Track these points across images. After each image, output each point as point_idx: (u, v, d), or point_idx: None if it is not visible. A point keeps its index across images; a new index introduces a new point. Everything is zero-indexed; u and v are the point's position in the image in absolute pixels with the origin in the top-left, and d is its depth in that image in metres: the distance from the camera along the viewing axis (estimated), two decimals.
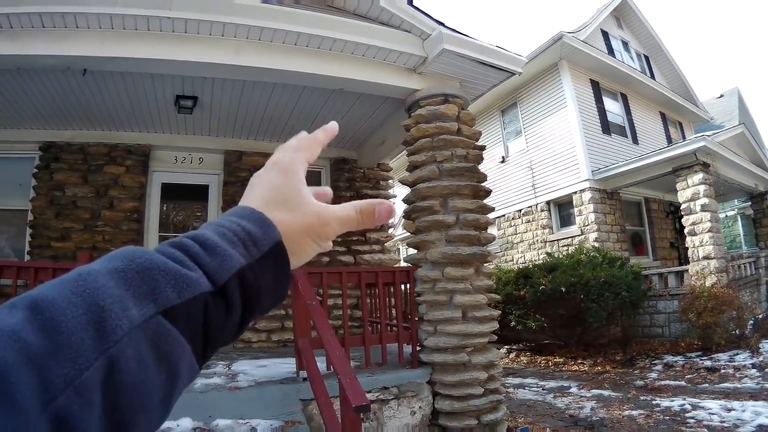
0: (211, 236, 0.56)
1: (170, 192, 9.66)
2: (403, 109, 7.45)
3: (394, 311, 7.33)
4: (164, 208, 9.65)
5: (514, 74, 7.34)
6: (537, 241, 18.20)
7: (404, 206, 7.24)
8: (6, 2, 5.90)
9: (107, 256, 0.50)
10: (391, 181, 10.69)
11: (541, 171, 18.12)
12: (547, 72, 17.84)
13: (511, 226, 19.33)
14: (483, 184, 6.94)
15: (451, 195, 6.65)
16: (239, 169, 9.53)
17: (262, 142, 9.73)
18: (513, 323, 14.70)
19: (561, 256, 15.09)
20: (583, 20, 19.83)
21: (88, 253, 6.46)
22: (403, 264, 8.76)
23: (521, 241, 18.86)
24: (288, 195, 0.67)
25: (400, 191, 10.28)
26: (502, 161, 19.63)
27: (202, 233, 0.57)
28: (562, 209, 17.75)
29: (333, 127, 0.80)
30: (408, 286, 7.08)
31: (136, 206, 9.07)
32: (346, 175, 9.97)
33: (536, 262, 15.83)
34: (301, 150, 0.74)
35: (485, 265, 6.77)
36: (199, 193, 9.70)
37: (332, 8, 7.06)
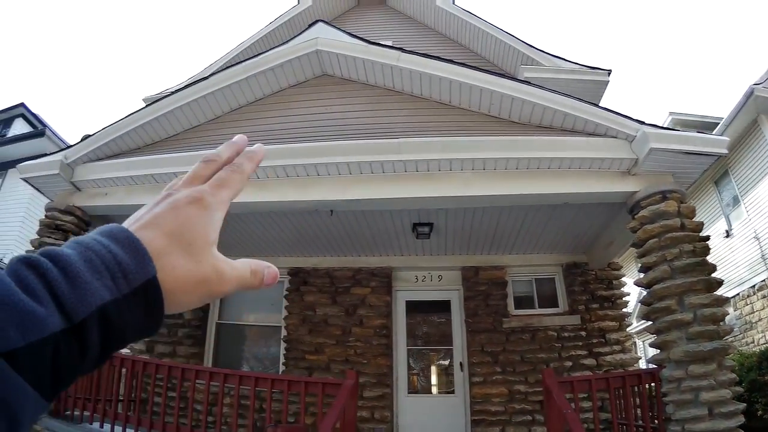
0: (75, 261, 0.47)
1: (414, 308, 10.25)
2: (626, 211, 7.40)
3: (639, 411, 7.30)
4: (410, 323, 10.17)
5: (720, 156, 7.11)
6: None
7: (641, 306, 7.18)
8: None
9: None
10: (623, 279, 10.51)
11: None
12: (748, 132, 16.41)
13: (747, 305, 17.40)
14: (714, 275, 6.70)
15: (686, 292, 6.47)
16: (477, 284, 9.84)
17: (496, 256, 10.04)
18: (760, 412, 13.63)
19: None
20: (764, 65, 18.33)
21: (354, 371, 7.10)
22: (641, 364, 8.58)
23: (759, 320, 16.94)
24: (196, 238, 0.57)
25: (629, 283, 10.10)
26: (727, 236, 18.08)
27: (66, 254, 0.48)
28: None
29: (259, 153, 0.70)
30: (653, 386, 6.96)
31: (383, 323, 9.74)
32: (579, 279, 9.88)
33: None
34: (228, 188, 0.64)
35: (726, 358, 6.55)
36: (442, 307, 10.16)
37: (540, 128, 7.27)
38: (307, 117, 7.81)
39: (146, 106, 8.25)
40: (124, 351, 11.36)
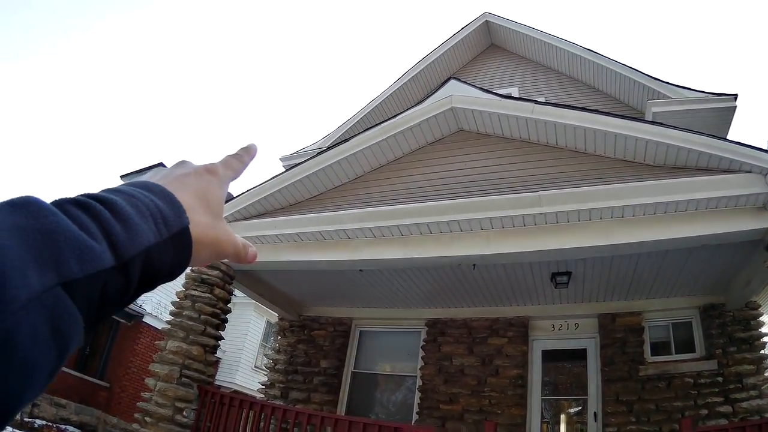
0: (123, 205, 0.51)
1: (550, 357, 10.22)
2: (763, 247, 7.10)
3: None
4: (545, 372, 10.13)
5: None
6: None
7: None
8: (396, 216, 7.25)
9: (6, 204, 0.44)
10: (761, 318, 10.11)
11: None
12: None
13: None
14: None
15: None
16: (614, 331, 9.71)
17: (632, 302, 9.87)
18: None
19: None
20: None
21: (493, 422, 7.18)
22: None
23: None
24: (215, 203, 0.66)
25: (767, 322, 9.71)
26: None
27: (113, 198, 0.51)
28: None
29: (253, 149, 0.80)
30: None
31: (519, 373, 9.73)
32: (717, 321, 9.48)
33: None
34: (232, 170, 0.74)
35: None
36: (578, 355, 10.07)
37: (675, 169, 7.19)
38: (445, 173, 8.10)
39: (287, 169, 8.74)
40: (258, 396, 11.89)
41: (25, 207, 0.44)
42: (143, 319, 19.32)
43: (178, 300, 8.81)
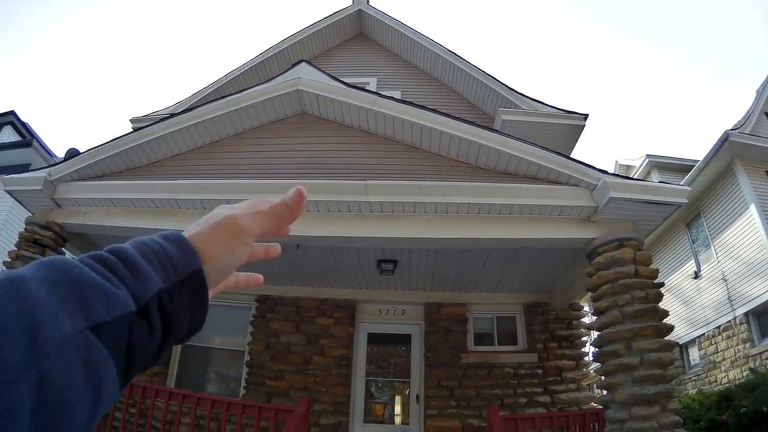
0: (133, 254, 0.55)
1: (376, 340, 10.58)
2: (584, 256, 7.60)
3: None
4: (370, 354, 10.48)
5: (680, 206, 7.15)
6: (739, 357, 16.63)
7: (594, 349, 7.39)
8: (229, 190, 7.33)
9: (35, 263, 0.49)
10: (583, 319, 10.75)
11: (735, 281, 16.80)
12: (722, 176, 16.77)
13: (711, 345, 17.91)
14: (664, 321, 6.83)
15: (634, 337, 6.62)
16: (439, 319, 10.17)
17: (459, 294, 10.37)
18: None
19: (765, 370, 14.10)
20: (745, 107, 18.38)
21: (307, 399, 7.32)
22: (593, 405, 8.83)
23: (723, 360, 17.33)
24: (227, 273, 0.70)
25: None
26: (695, 277, 18.44)
27: (125, 249, 0.56)
28: (762, 319, 16.22)
29: (296, 199, 0.77)
30: (598, 425, 7.01)
31: (344, 353, 10.00)
32: (540, 318, 10.17)
33: (739, 381, 14.90)
34: (262, 222, 0.77)
35: (672, 401, 6.52)
36: (403, 340, 10.46)
37: (506, 174, 7.57)
38: (284, 153, 8.14)
39: (131, 132, 8.49)
40: None
41: (51, 263, 0.49)
42: None
43: (9, 260, 8.34)
